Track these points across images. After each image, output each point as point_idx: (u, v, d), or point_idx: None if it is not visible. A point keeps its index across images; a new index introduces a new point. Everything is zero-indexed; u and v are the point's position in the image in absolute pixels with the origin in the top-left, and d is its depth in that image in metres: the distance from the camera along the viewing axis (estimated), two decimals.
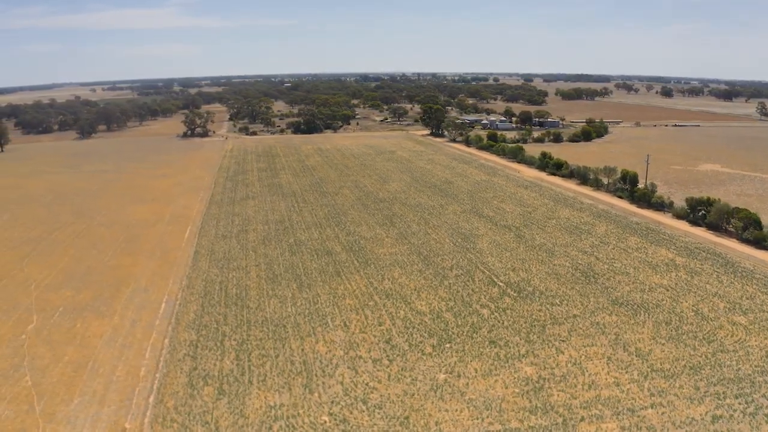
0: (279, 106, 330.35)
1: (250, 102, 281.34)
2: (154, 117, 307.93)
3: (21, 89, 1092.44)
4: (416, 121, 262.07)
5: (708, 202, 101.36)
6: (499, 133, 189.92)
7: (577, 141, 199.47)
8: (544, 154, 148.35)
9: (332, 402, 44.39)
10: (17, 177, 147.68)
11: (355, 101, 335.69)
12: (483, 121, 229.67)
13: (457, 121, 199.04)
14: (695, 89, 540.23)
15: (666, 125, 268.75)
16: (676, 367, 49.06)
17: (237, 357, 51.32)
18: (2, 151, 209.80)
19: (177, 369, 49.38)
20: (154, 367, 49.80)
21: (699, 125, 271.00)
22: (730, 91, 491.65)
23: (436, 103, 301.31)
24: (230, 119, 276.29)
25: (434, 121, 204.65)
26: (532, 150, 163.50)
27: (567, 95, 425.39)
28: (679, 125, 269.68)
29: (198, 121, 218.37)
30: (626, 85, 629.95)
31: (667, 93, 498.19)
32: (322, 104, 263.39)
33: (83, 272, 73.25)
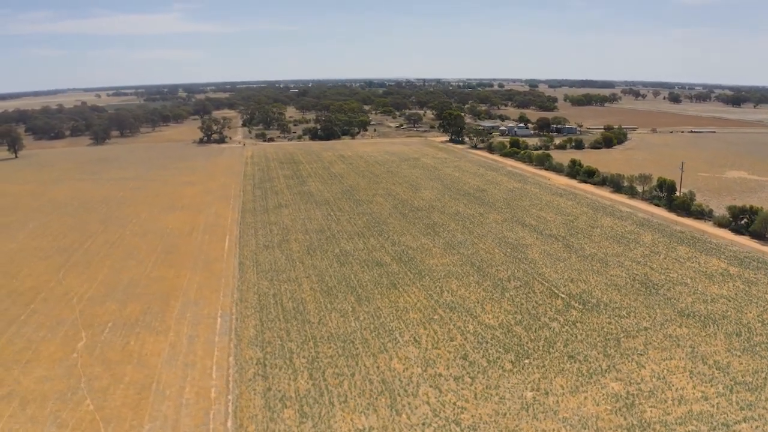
0: (290, 112, 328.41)
1: (264, 108, 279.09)
2: (166, 123, 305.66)
3: (25, 94, 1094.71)
4: (432, 127, 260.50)
5: (751, 211, 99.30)
6: (520, 139, 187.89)
7: (598, 148, 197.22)
8: (573, 162, 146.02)
9: (423, 424, 41.90)
10: (37, 184, 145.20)
11: (366, 107, 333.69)
12: (501, 128, 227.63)
13: (479, 128, 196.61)
14: (702, 95, 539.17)
15: (682, 131, 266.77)
16: (757, 379, 48.11)
17: (311, 376, 48.73)
18: (16, 157, 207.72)
19: (250, 390, 46.78)
20: (224, 388, 47.18)
21: (714, 131, 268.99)
22: (738, 97, 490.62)
23: (450, 110, 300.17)
24: (243, 125, 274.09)
25: (454, 128, 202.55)
26: (555, 157, 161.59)
27: (577, 101, 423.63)
28: (694, 131, 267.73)
29: (215, 127, 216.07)
30: (633, 90, 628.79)
31: (674, 99, 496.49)
32: (337, 110, 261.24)
33: (126, 284, 70.73)
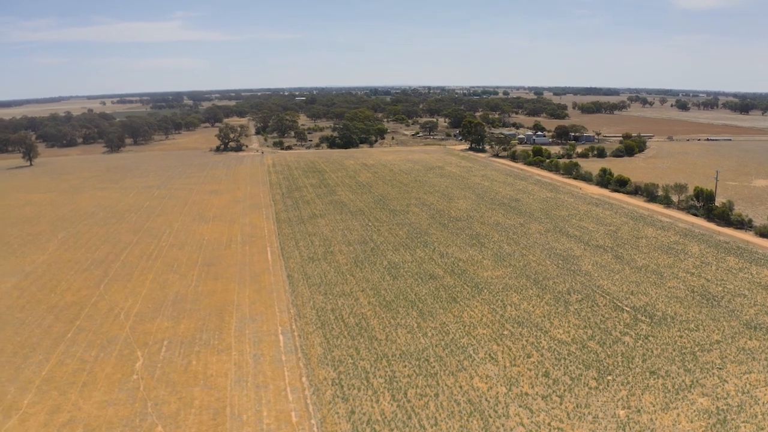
0: (301, 120, 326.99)
1: (278, 116, 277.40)
2: (178, 130, 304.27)
3: (28, 102, 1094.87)
4: (448, 135, 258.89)
5: None
6: (543, 148, 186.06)
7: (620, 156, 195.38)
8: (604, 170, 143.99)
9: None
10: (58, 192, 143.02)
11: (377, 115, 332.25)
12: (519, 136, 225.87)
13: (500, 136, 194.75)
14: (709, 102, 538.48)
15: (698, 139, 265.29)
16: None
17: (393, 397, 46.31)
18: (31, 164, 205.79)
19: (333, 413, 44.35)
20: (304, 412, 44.72)
21: (730, 139, 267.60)
22: (746, 104, 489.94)
23: (469, 118, 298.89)
24: (257, 133, 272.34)
25: (474, 136, 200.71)
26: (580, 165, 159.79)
27: (587, 109, 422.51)
28: (710, 139, 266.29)
29: (232, 136, 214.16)
30: (639, 98, 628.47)
31: (682, 106, 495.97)
32: (351, 118, 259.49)
33: (173, 299, 68.30)
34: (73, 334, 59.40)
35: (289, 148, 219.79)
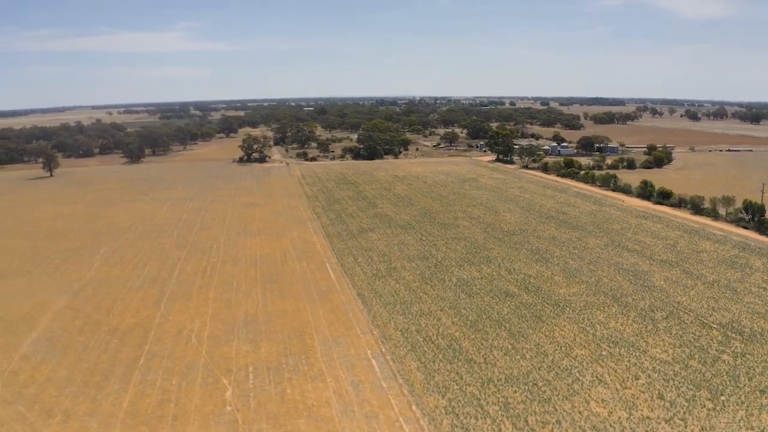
0: (317, 131, 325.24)
1: (298, 126, 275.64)
2: (194, 141, 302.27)
3: (33, 111, 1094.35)
4: (470, 146, 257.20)
5: None
6: (573, 159, 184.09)
7: (650, 167, 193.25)
8: (645, 183, 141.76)
9: None
10: (88, 205, 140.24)
11: (392, 126, 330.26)
12: (544, 147, 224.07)
13: (529, 147, 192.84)
14: (719, 112, 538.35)
15: (720, 150, 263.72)
16: None
17: (515, 426, 43.54)
18: (51, 175, 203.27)
19: None
20: None
21: (752, 150, 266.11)
22: (756, 114, 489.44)
23: (482, 128, 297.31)
24: (276, 144, 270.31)
25: (501, 147, 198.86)
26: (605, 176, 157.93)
27: (599, 119, 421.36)
28: (732, 150, 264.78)
29: (255, 146, 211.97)
30: (648, 108, 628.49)
31: (693, 116, 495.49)
32: (371, 129, 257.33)
33: (243, 320, 65.32)
34: (146, 360, 56.18)
35: (313, 159, 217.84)
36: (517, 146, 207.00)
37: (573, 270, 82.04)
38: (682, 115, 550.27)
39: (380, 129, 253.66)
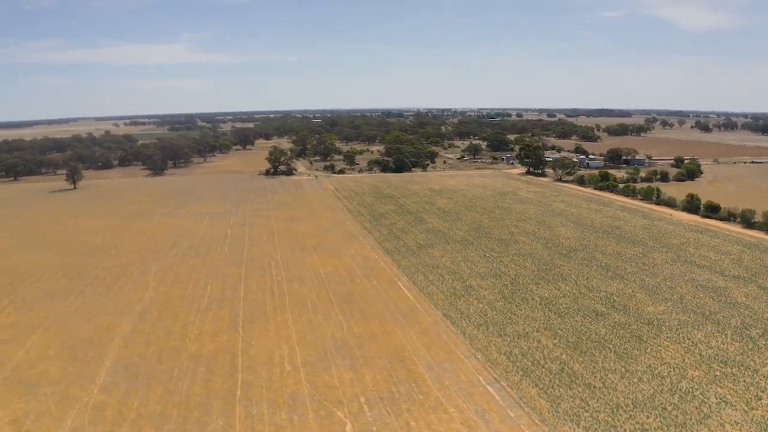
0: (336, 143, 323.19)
1: (321, 138, 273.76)
2: (212, 153, 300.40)
3: (38, 123, 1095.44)
4: (495, 159, 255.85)
5: None
6: (609, 172, 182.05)
7: (683, 180, 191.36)
8: (691, 196, 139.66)
9: None
10: (123, 218, 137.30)
11: (413, 138, 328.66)
12: (573, 159, 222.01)
13: (565, 160, 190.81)
14: (729, 124, 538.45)
15: (744, 162, 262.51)
16: None
17: None
18: (75, 187, 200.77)
19: None
20: None
21: None
22: (766, 125, 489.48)
23: (504, 140, 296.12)
24: (298, 156, 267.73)
25: (533, 160, 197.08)
26: (643, 189, 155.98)
27: (613, 131, 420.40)
28: (756, 162, 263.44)
29: (282, 159, 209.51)
30: (656, 119, 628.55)
31: (704, 128, 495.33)
32: (394, 141, 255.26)
33: (333, 344, 62.14)
34: (244, 391, 52.38)
35: (341, 171, 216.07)
36: (548, 159, 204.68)
37: (652, 287, 79.80)
38: (692, 127, 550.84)
39: (403, 141, 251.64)
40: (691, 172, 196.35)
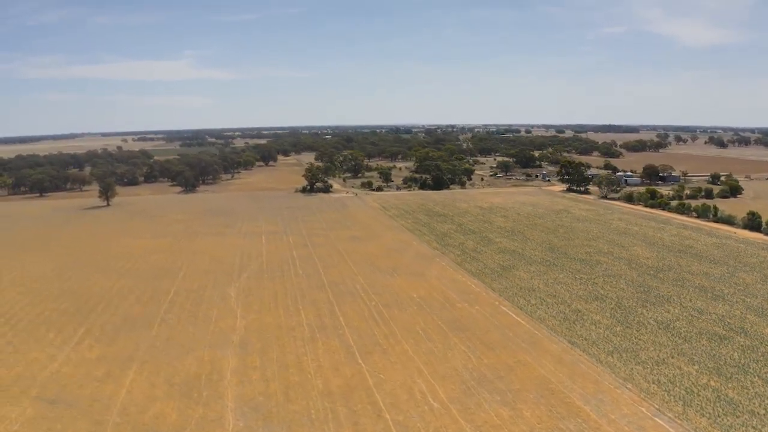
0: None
1: (351, 155, 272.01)
2: (236, 169, 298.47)
3: (44, 138, 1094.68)
4: (528, 176, 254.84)
5: None
6: (656, 189, 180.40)
7: (726, 197, 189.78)
8: (752, 213, 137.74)
9: None
10: (175, 238, 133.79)
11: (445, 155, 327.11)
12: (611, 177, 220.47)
13: (611, 177, 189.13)
14: (743, 139, 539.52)
15: None
16: None
17: None
18: (108, 204, 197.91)
19: None
20: None
21: None
22: None
23: (531, 157, 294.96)
24: (328, 173, 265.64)
25: (576, 177, 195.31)
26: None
27: (632, 147, 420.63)
28: None
29: (319, 176, 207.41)
30: (667, 135, 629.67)
31: (720, 143, 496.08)
32: (424, 158, 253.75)
33: (470, 377, 58.28)
34: None
35: (379, 189, 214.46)
36: (601, 177, 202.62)
37: (757, 308, 78.19)
38: (705, 142, 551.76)
39: (434, 158, 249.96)
40: (734, 189, 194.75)
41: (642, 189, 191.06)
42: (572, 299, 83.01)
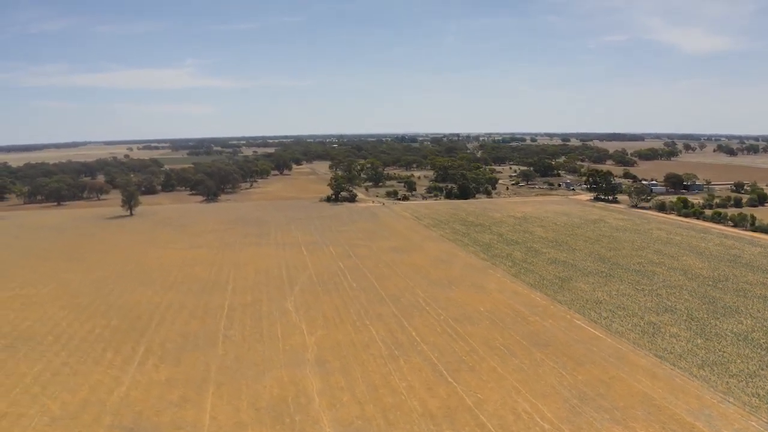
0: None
1: (372, 164, 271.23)
2: (254, 178, 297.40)
3: (46, 146, 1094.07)
4: (551, 185, 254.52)
5: None
6: (687, 198, 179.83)
7: (755, 206, 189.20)
8: None
9: None
10: (210, 249, 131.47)
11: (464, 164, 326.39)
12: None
13: (640, 186, 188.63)
14: (753, 147, 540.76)
15: None
16: None
17: None
18: (131, 214, 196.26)
19: None
20: None
21: None
22: None
23: (545, 165, 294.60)
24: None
25: (604, 186, 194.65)
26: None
27: (644, 155, 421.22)
28: None
29: (345, 185, 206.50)
30: (674, 143, 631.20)
31: (730, 151, 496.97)
32: (445, 167, 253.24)
33: (571, 395, 56.01)
34: None
35: (405, 198, 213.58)
36: (630, 186, 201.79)
37: None
38: (714, 150, 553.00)
39: (456, 167, 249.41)
40: (762, 198, 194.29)
41: (672, 198, 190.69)
42: (642, 311, 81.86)
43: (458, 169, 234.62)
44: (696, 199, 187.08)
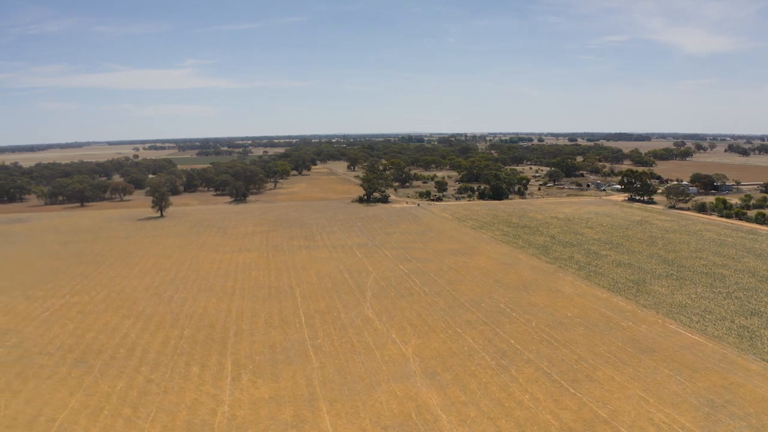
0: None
1: (398, 164, 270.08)
2: (275, 179, 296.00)
3: (50, 147, 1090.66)
4: (579, 185, 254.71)
5: None
6: (725, 199, 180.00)
7: None
8: None
9: None
10: (260, 252, 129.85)
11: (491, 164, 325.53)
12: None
13: (679, 187, 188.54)
14: (764, 146, 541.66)
15: None
16: None
17: None
18: (162, 215, 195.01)
19: None
20: None
21: None
22: None
23: (569, 165, 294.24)
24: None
25: (641, 186, 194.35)
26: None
27: (659, 155, 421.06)
28: None
29: (378, 185, 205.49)
30: (683, 143, 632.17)
31: (743, 151, 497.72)
32: (469, 167, 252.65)
33: (700, 403, 55.80)
34: None
35: (439, 199, 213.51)
36: (669, 186, 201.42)
37: None
38: (725, 150, 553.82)
39: (480, 167, 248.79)
40: None
41: (704, 198, 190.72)
42: (730, 315, 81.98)
43: (487, 169, 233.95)
44: (733, 200, 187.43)
